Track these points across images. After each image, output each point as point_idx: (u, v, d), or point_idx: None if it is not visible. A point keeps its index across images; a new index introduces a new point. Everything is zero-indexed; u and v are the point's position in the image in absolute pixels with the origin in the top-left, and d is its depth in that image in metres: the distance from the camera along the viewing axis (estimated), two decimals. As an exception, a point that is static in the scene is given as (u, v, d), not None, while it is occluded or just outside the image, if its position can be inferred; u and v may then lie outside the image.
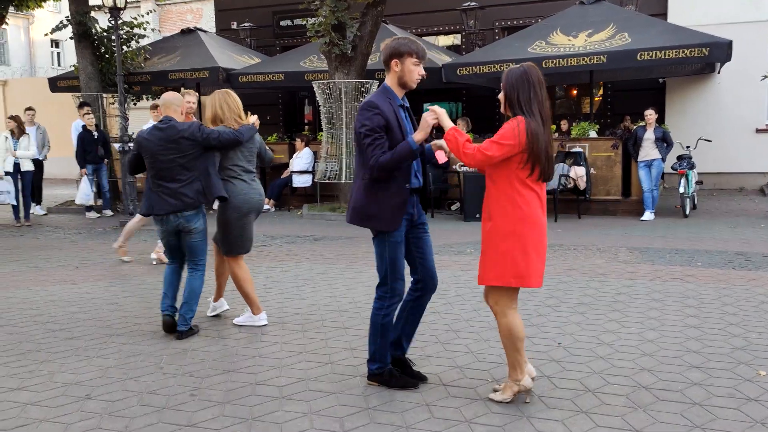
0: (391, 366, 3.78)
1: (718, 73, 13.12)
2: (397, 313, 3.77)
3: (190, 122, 4.89)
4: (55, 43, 30.12)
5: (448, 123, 3.45)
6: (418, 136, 3.47)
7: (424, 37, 15.84)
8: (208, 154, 4.81)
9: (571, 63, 10.62)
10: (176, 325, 4.78)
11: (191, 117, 5.56)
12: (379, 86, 3.73)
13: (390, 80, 3.62)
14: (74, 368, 4.17)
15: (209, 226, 5.03)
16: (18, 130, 10.51)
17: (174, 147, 4.68)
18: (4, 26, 14.29)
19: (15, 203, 10.59)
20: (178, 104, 4.87)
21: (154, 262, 7.38)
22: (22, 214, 10.76)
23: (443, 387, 3.77)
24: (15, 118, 10.60)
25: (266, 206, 11.91)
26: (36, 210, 11.95)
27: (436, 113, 3.46)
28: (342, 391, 3.74)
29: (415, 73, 3.56)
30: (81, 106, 11.92)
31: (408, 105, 3.73)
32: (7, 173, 10.35)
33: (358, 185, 3.61)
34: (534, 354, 4.27)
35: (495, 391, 3.63)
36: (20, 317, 5.36)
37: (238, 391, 3.77)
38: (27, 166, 10.61)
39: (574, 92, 16.22)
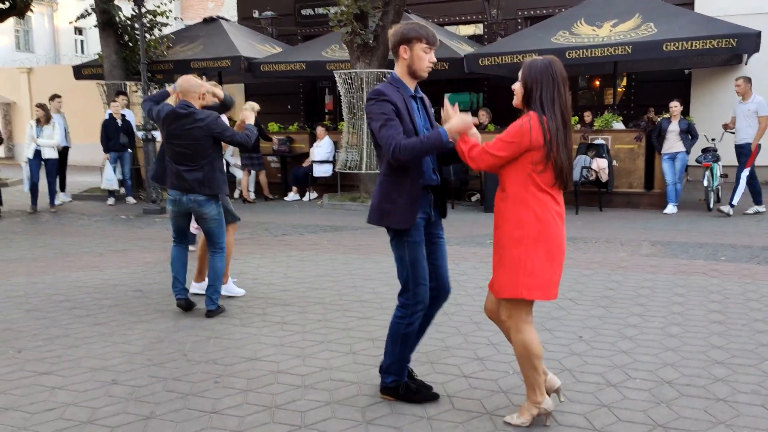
0: (407, 380, 3.51)
1: (746, 64, 12.89)
2: None
3: (209, 113, 4.97)
4: (79, 31, 30.39)
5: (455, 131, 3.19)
6: (452, 128, 3.15)
7: (445, 27, 15.78)
8: (216, 146, 4.96)
9: (595, 54, 10.50)
10: (192, 304, 5.12)
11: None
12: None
13: (399, 69, 3.34)
14: (101, 353, 4.24)
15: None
16: (44, 118, 10.65)
17: (188, 134, 4.81)
18: (28, 14, 14.42)
19: (25, 190, 10.78)
20: (195, 90, 4.95)
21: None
22: (47, 200, 10.92)
23: (464, 379, 3.78)
24: (41, 106, 10.74)
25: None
26: (61, 197, 12.10)
27: (461, 122, 3.16)
28: (364, 381, 3.77)
29: (426, 60, 3.28)
30: (117, 94, 12.09)
31: (422, 95, 3.45)
32: (29, 160, 10.52)
33: (378, 183, 3.39)
34: (555, 347, 4.27)
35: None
36: (47, 302, 5.45)
37: (261, 379, 3.81)
38: (49, 153, 10.71)
39: (597, 83, 16.05)
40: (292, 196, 12.46)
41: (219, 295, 5.07)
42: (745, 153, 9.54)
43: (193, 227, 7.84)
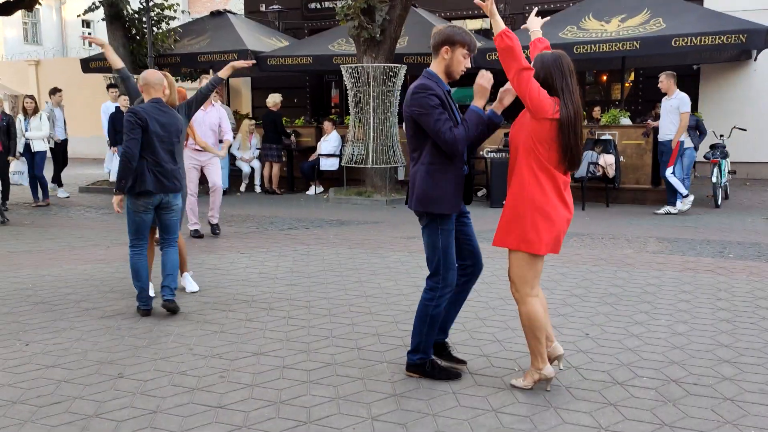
0: (433, 357, 3.75)
1: (755, 60, 12.81)
2: None
3: (180, 106, 5.13)
4: (87, 24, 30.41)
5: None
6: (479, 102, 3.50)
7: (453, 21, 15.71)
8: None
9: (603, 49, 10.45)
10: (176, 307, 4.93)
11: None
12: (420, 73, 3.68)
13: (436, 67, 3.57)
14: (107, 347, 4.25)
15: None
16: (33, 110, 10.52)
17: (176, 130, 4.89)
18: (36, 6, 14.45)
19: (25, 184, 10.66)
20: (160, 85, 4.94)
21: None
22: (40, 194, 10.80)
23: (470, 375, 3.78)
24: (31, 98, 10.64)
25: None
26: (58, 192, 12.06)
27: (485, 77, 3.51)
28: (369, 377, 3.77)
29: (463, 64, 3.55)
30: (108, 87, 12.06)
31: (449, 89, 3.66)
32: (20, 154, 10.39)
33: (420, 172, 3.54)
34: (562, 344, 4.24)
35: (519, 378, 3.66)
36: (55, 295, 5.47)
37: (267, 374, 3.82)
38: (38, 146, 10.55)
39: (605, 78, 15.96)
40: (313, 190, 12.44)
41: (177, 285, 5.04)
42: (666, 151, 9.40)
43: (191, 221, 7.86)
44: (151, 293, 5.11)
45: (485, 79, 3.50)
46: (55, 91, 12.08)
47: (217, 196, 7.94)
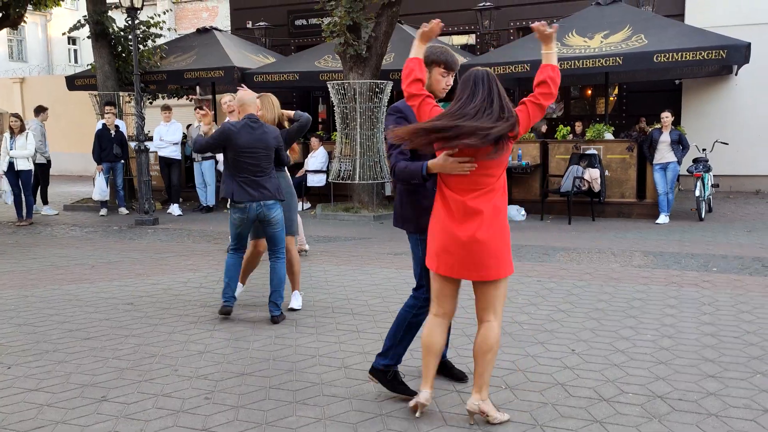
0: (397, 369, 3.75)
1: (736, 74, 13.00)
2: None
3: (274, 127, 5.38)
4: (73, 41, 30.39)
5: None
6: (435, 165, 3.28)
7: (439, 37, 15.83)
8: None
9: (586, 65, 10.56)
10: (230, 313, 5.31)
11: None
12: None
13: None
14: (90, 369, 4.21)
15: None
16: (18, 128, 10.43)
17: (263, 145, 5.11)
18: (21, 23, 14.40)
19: (8, 202, 10.61)
20: (254, 103, 5.25)
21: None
22: (24, 212, 10.74)
23: (456, 393, 3.77)
24: (16, 116, 10.58)
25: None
26: (44, 210, 11.99)
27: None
28: (355, 396, 3.75)
29: (443, 83, 3.56)
30: (106, 105, 12.05)
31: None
32: (5, 172, 10.35)
33: (399, 190, 3.69)
34: (548, 361, 4.27)
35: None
36: (38, 316, 5.42)
37: (252, 395, 3.79)
38: (22, 165, 10.46)
39: (589, 92, 16.12)
40: (300, 206, 12.40)
41: (282, 300, 5.32)
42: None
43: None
44: (237, 293, 5.44)
45: (443, 164, 3.27)
46: (42, 109, 12.04)
47: None
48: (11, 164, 10.43)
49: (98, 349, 4.60)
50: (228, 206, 5.21)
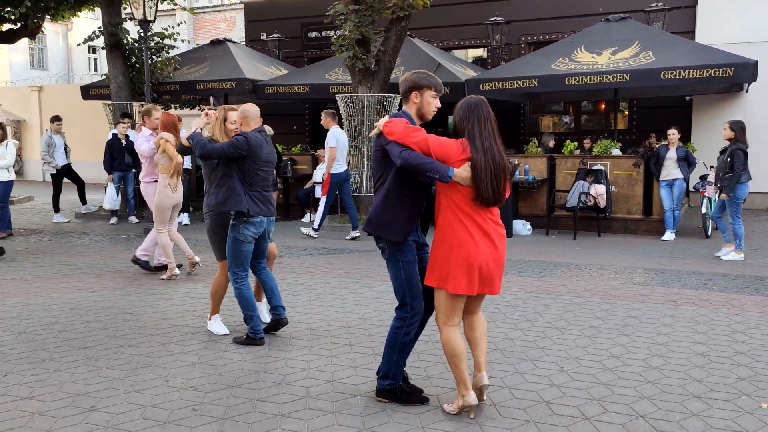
0: (401, 383, 3.90)
1: (746, 91, 12.92)
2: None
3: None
4: (93, 50, 30.85)
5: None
6: (459, 175, 3.50)
7: (451, 51, 15.93)
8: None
9: (593, 80, 10.58)
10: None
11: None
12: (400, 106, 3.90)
13: (409, 110, 3.81)
14: (83, 378, 4.29)
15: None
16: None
17: (274, 160, 5.14)
18: (42, 32, 14.65)
19: None
20: (258, 116, 5.12)
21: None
22: None
23: (440, 410, 3.80)
24: (0, 125, 10.23)
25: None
26: (55, 218, 12.14)
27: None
28: (341, 410, 3.80)
29: (433, 105, 3.78)
30: (123, 116, 12.19)
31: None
32: None
33: (378, 196, 3.76)
34: (535, 378, 4.29)
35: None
36: (38, 324, 5.53)
37: (239, 407, 3.85)
38: (1, 176, 9.97)
39: (603, 107, 16.10)
40: (308, 217, 12.47)
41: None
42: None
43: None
44: (266, 318, 5.45)
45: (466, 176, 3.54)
46: (54, 119, 12.25)
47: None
48: None
49: (93, 358, 4.69)
50: (233, 221, 4.91)
